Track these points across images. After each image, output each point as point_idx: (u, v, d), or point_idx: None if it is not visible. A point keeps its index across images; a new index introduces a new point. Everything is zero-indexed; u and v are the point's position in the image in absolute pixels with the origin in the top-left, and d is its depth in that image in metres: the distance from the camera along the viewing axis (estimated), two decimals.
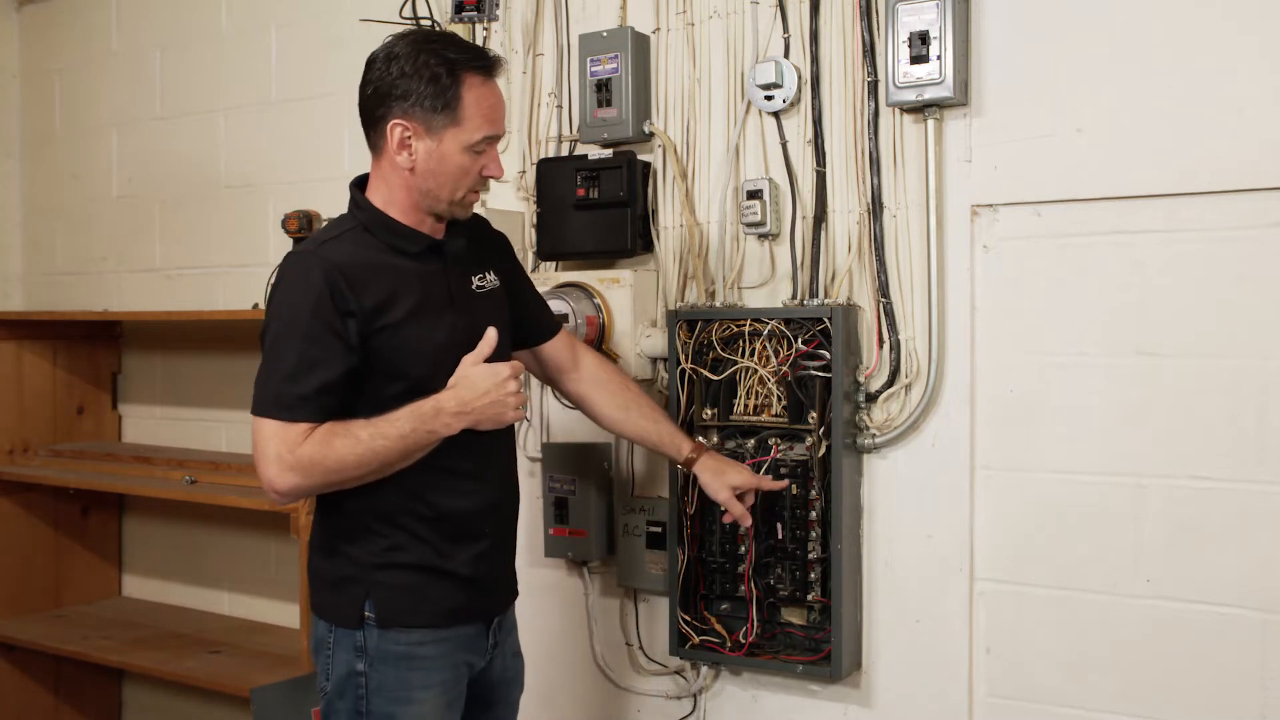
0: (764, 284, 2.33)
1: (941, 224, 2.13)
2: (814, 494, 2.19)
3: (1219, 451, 1.93)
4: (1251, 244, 1.90)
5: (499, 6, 2.65)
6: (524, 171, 2.59)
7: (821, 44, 2.24)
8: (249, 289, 3.07)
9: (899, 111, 2.16)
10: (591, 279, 2.40)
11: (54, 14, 3.66)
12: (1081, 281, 2.03)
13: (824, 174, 2.25)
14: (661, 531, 2.39)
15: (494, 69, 1.83)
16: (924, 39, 2.05)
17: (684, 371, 2.29)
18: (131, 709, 3.55)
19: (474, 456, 1.85)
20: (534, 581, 2.55)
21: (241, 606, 3.29)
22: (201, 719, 3.29)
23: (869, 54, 2.18)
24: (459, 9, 2.66)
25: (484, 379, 1.78)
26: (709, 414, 2.28)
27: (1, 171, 3.73)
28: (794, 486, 2.19)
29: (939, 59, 2.04)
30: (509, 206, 2.60)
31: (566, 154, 2.56)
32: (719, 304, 2.35)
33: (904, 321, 2.18)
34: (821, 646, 2.19)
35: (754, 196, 2.27)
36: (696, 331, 2.29)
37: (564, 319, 2.24)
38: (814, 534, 2.20)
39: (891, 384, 2.19)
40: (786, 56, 2.28)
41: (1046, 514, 2.08)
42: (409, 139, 1.78)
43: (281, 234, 2.79)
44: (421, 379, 1.78)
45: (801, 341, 2.18)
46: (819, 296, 2.25)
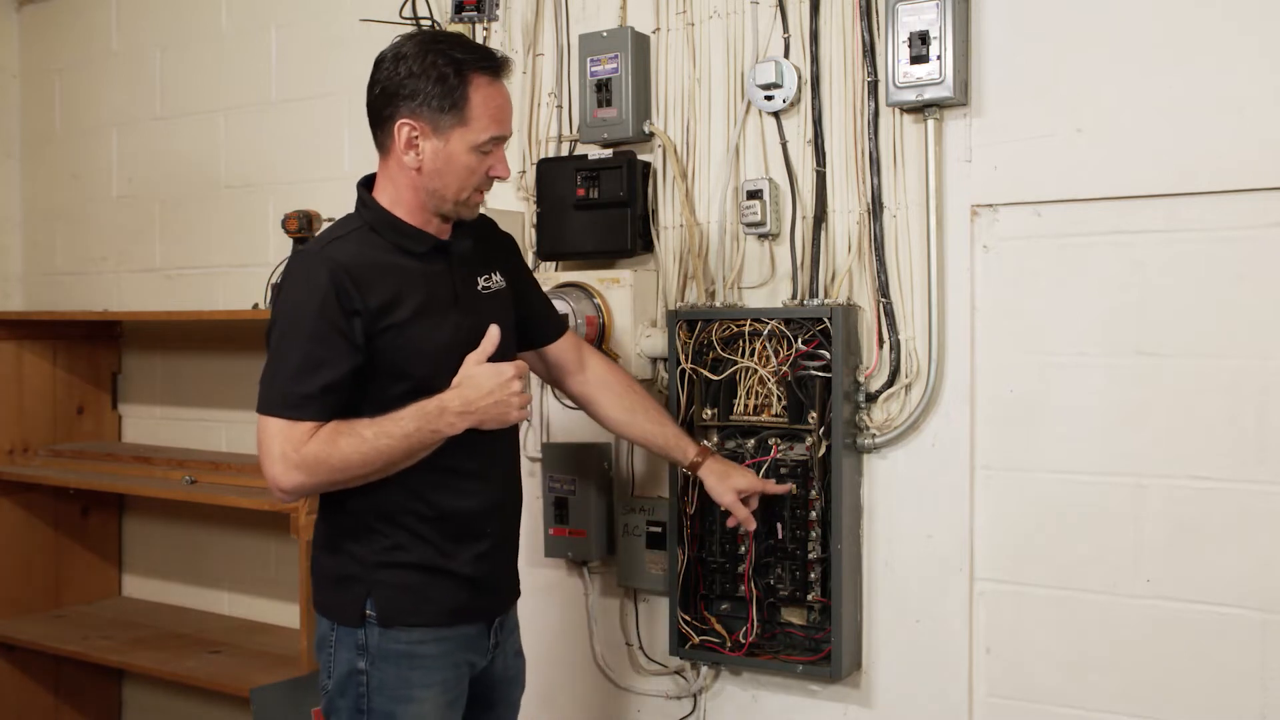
0: (764, 284, 2.33)
1: (941, 224, 2.13)
2: (814, 494, 2.19)
3: (1219, 451, 1.93)
4: (1251, 244, 1.90)
5: (499, 6, 2.65)
6: (524, 171, 2.59)
7: (821, 44, 2.25)
8: (249, 289, 3.07)
9: (899, 111, 2.16)
10: (591, 279, 2.40)
11: (54, 14, 3.66)
12: (1081, 281, 2.04)
13: (824, 174, 2.25)
14: (661, 531, 2.39)
15: (501, 70, 1.83)
16: (924, 39, 2.05)
17: (684, 371, 2.29)
18: (131, 709, 3.55)
19: (477, 456, 1.85)
20: (534, 581, 2.55)
21: (241, 606, 3.29)
22: (201, 719, 3.29)
23: (869, 54, 2.18)
24: (459, 9, 2.66)
25: (488, 379, 1.78)
26: (709, 414, 2.28)
27: (1, 171, 3.73)
28: (794, 486, 2.20)
29: (939, 59, 2.04)
30: (509, 206, 2.60)
31: (566, 154, 2.56)
32: (719, 304, 2.35)
33: (904, 321, 2.18)
34: (821, 646, 2.19)
35: (754, 196, 2.28)
36: (696, 331, 2.29)
37: (564, 319, 2.24)
38: (814, 534, 2.20)
39: (891, 384, 2.19)
40: (786, 56, 2.28)
41: (1046, 514, 2.08)
42: (416, 139, 1.79)
43: (281, 234, 2.80)
44: (426, 379, 1.78)
45: (801, 341, 2.18)
46: (819, 296, 2.25)
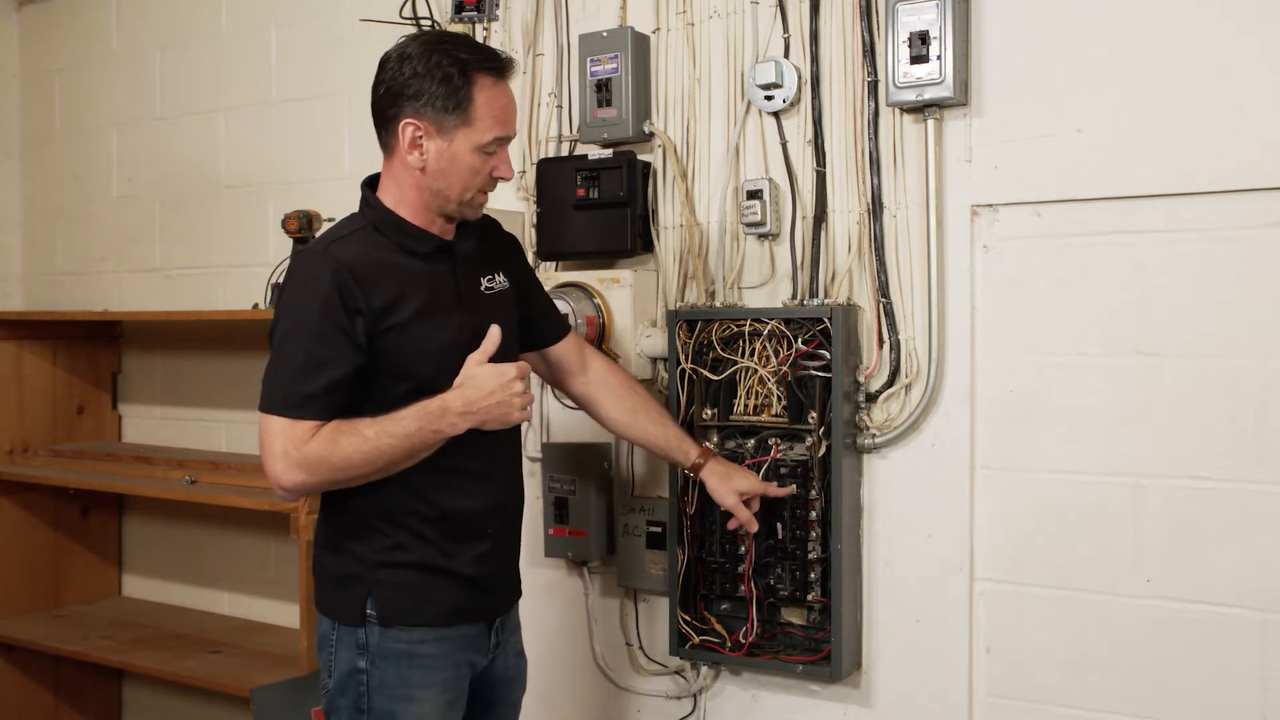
0: (764, 284, 2.33)
1: (941, 224, 2.13)
2: (814, 494, 2.19)
3: (1219, 451, 1.93)
4: (1251, 244, 1.90)
5: (499, 6, 2.65)
6: (524, 171, 2.59)
7: (821, 44, 2.24)
8: (249, 289, 3.07)
9: (899, 111, 2.16)
10: (591, 279, 2.40)
11: (54, 14, 3.66)
12: (1081, 281, 2.03)
13: (824, 174, 2.25)
14: (661, 531, 2.39)
15: (506, 70, 1.83)
16: (924, 39, 2.05)
17: (684, 371, 2.29)
18: (131, 709, 3.55)
19: (479, 457, 1.85)
20: (534, 581, 2.55)
21: (241, 606, 3.29)
22: (201, 719, 3.29)
23: (869, 54, 2.18)
24: (459, 9, 2.66)
25: (490, 379, 1.78)
26: (709, 414, 2.28)
27: (1, 171, 3.73)
28: (794, 488, 2.19)
29: (939, 59, 2.04)
30: (509, 206, 2.60)
31: (566, 154, 2.56)
32: (719, 304, 2.35)
33: (904, 321, 2.18)
34: (821, 646, 2.19)
35: (754, 196, 2.27)
36: (696, 331, 2.29)
37: (566, 320, 2.24)
38: (814, 534, 2.20)
39: (891, 384, 2.19)
40: (786, 56, 2.28)
41: (1046, 514, 2.08)
42: (420, 139, 1.79)
43: (281, 234, 2.80)
44: (428, 379, 1.78)
45: (801, 341, 2.18)
46: (819, 296, 2.25)
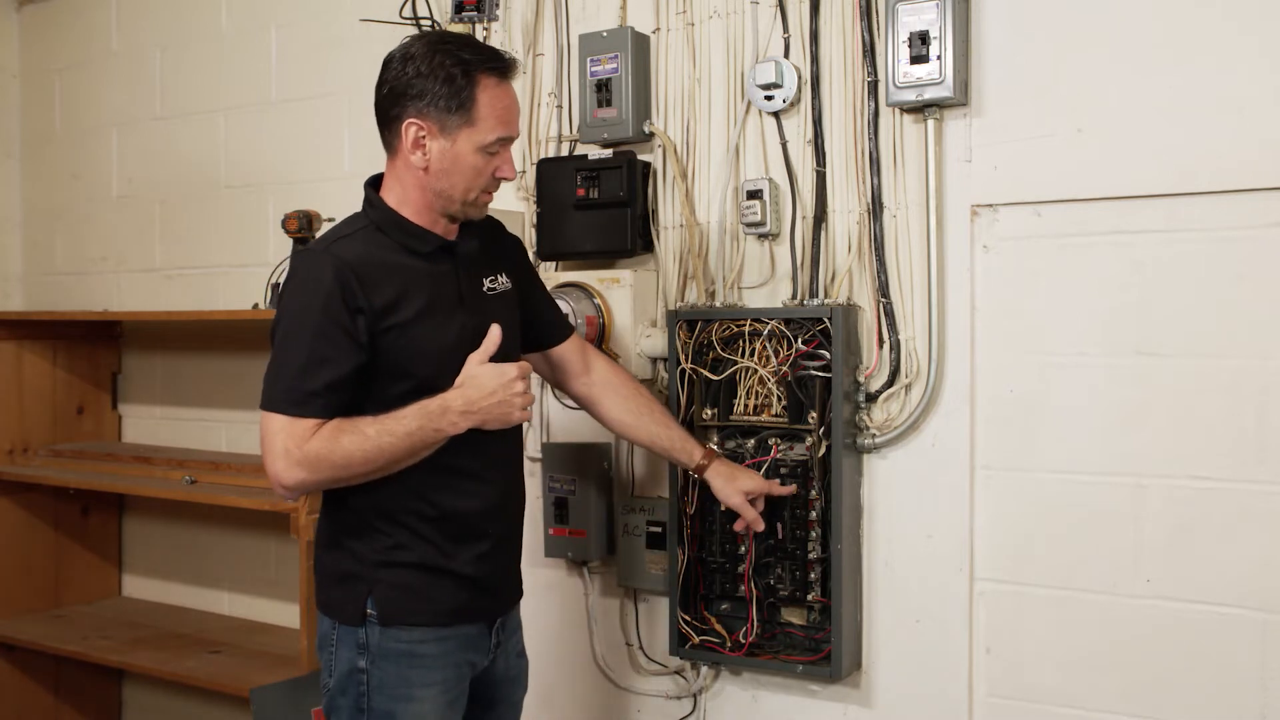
0: (764, 284, 2.33)
1: (941, 224, 2.13)
2: (814, 494, 2.19)
3: (1219, 451, 1.93)
4: (1251, 244, 1.90)
5: (499, 6, 2.65)
6: (524, 171, 2.59)
7: (821, 44, 2.24)
8: (249, 289, 3.07)
9: (899, 111, 2.16)
10: (591, 279, 2.40)
11: (54, 14, 3.65)
12: (1081, 281, 2.03)
13: (824, 174, 2.25)
14: (661, 531, 2.39)
15: (509, 71, 1.84)
16: (924, 39, 2.05)
17: (684, 371, 2.29)
18: (131, 709, 3.55)
19: (480, 456, 1.85)
20: (534, 581, 2.54)
21: (241, 606, 3.29)
22: (201, 719, 3.29)
23: (869, 54, 2.18)
24: (459, 9, 2.66)
25: (491, 379, 1.78)
26: (709, 414, 2.28)
27: (1, 171, 3.73)
28: (794, 486, 2.19)
29: (939, 59, 2.04)
30: (509, 206, 2.60)
31: (566, 154, 2.56)
32: (719, 304, 2.35)
33: (904, 321, 2.18)
34: (821, 646, 2.19)
35: (754, 196, 2.27)
36: (696, 331, 2.29)
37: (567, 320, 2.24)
38: (814, 534, 2.20)
39: (891, 384, 2.19)
40: (786, 56, 2.28)
41: (1046, 514, 2.08)
42: (423, 139, 1.79)
43: (281, 234, 2.80)
44: (429, 379, 1.78)
45: (801, 341, 2.18)
46: (819, 296, 2.25)
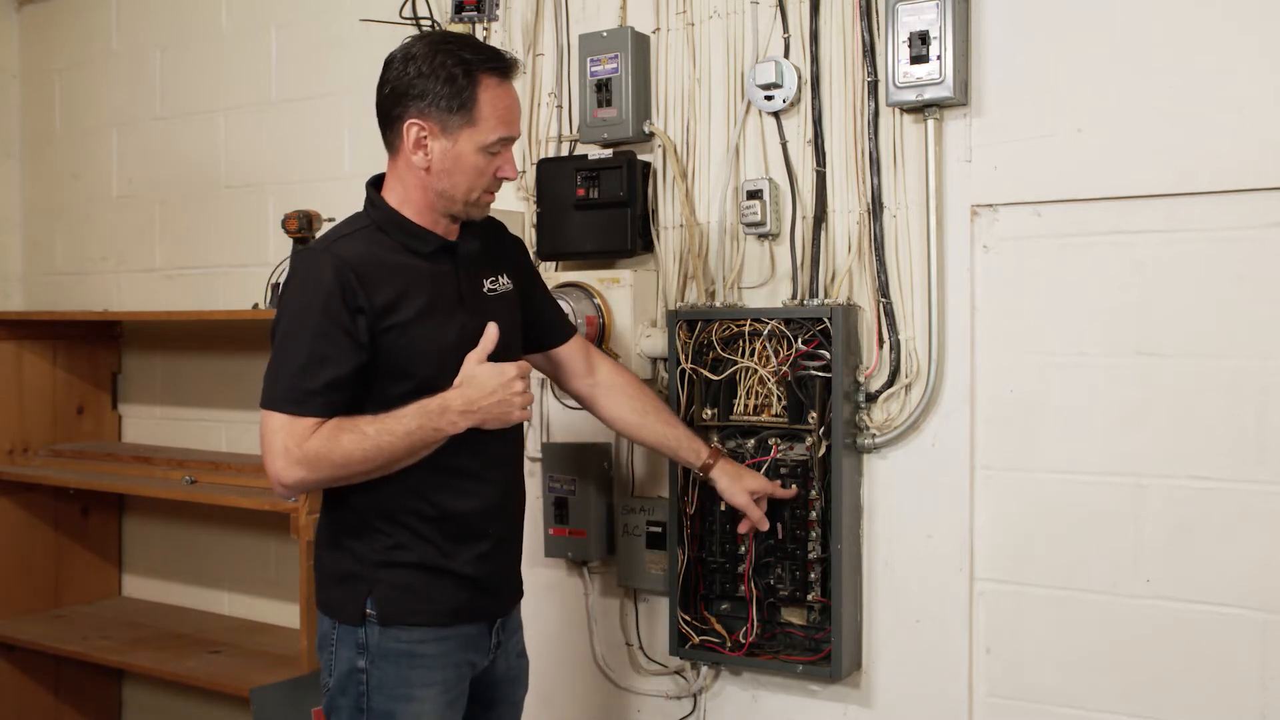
0: (764, 284, 2.33)
1: (941, 224, 2.13)
2: (814, 494, 2.19)
3: (1219, 451, 1.93)
4: (1251, 244, 1.90)
5: (499, 6, 2.65)
6: (524, 171, 2.59)
7: (821, 44, 2.24)
8: (249, 289, 3.07)
9: (899, 111, 2.16)
10: (591, 279, 2.40)
11: (54, 14, 3.65)
12: (1081, 281, 2.03)
13: (824, 174, 2.25)
14: (661, 531, 2.39)
15: (510, 71, 1.84)
16: (924, 39, 2.04)
17: (684, 371, 2.29)
18: (131, 709, 3.55)
19: (480, 456, 1.85)
20: (534, 581, 2.54)
21: (241, 606, 3.29)
22: (201, 719, 3.29)
23: (869, 54, 2.18)
24: (459, 9, 2.66)
25: (491, 378, 1.78)
26: (709, 414, 2.28)
27: (1, 171, 3.73)
28: (795, 486, 2.19)
29: (939, 59, 2.04)
30: (509, 206, 2.60)
31: (566, 154, 2.56)
32: (719, 304, 2.35)
33: (904, 321, 2.18)
34: (821, 646, 2.19)
35: (754, 196, 2.27)
36: (696, 331, 2.28)
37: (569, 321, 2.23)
38: (814, 534, 2.20)
39: (891, 384, 2.19)
40: (786, 56, 2.28)
41: (1046, 514, 2.08)
42: (425, 139, 1.79)
43: (281, 234, 2.80)
44: (429, 378, 1.78)
45: (801, 341, 2.18)
46: (819, 296, 2.25)
